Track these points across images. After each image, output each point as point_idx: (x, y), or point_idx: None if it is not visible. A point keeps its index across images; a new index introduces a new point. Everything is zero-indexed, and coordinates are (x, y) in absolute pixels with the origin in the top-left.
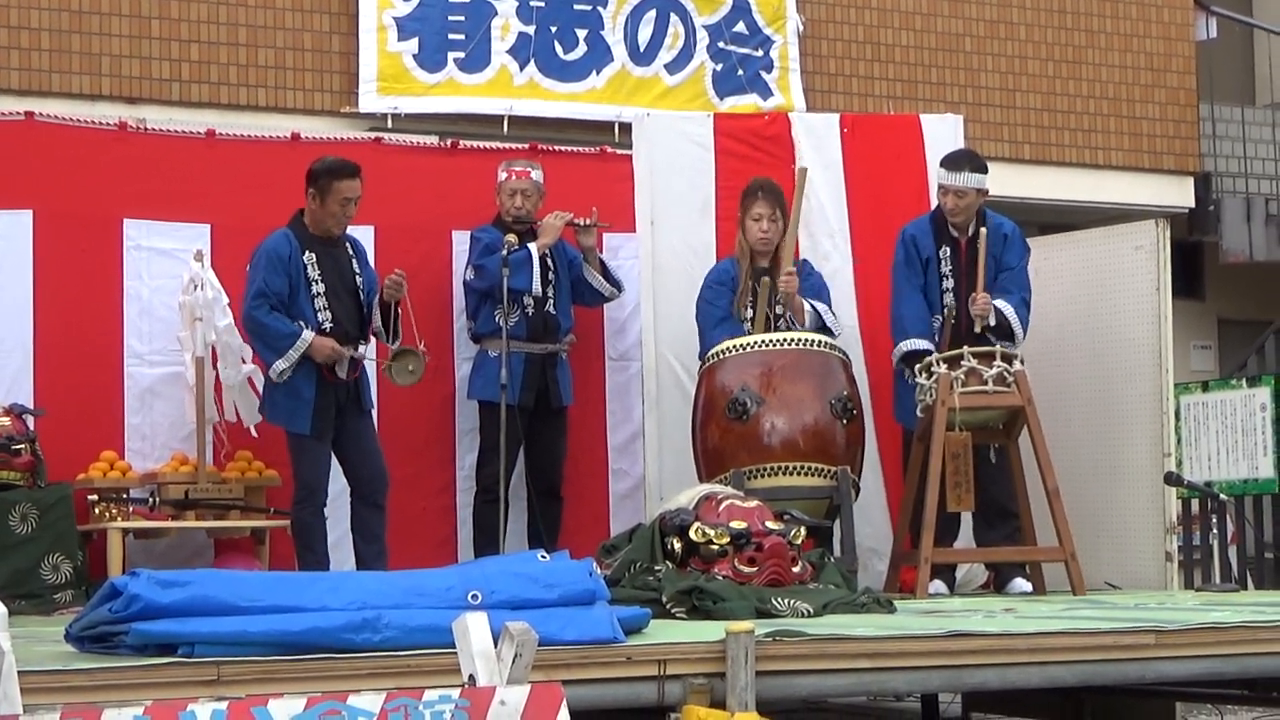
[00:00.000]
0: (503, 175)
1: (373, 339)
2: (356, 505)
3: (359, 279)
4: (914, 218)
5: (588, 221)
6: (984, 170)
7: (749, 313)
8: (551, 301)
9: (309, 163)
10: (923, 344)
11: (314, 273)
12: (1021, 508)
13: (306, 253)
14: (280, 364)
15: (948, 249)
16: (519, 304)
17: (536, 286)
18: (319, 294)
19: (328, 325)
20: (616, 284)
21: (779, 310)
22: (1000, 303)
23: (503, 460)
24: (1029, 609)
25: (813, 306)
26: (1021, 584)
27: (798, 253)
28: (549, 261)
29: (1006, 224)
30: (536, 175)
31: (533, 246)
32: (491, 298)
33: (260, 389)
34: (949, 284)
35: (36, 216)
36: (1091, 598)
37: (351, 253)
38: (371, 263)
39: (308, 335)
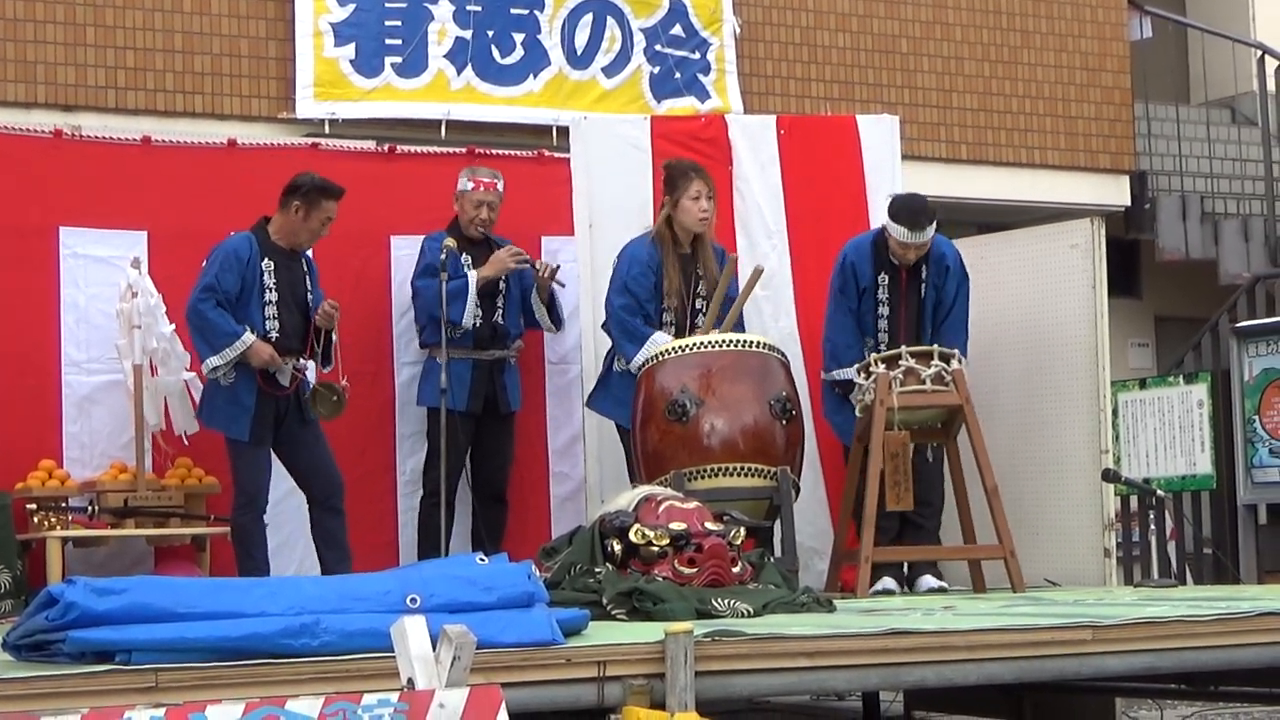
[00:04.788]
0: (467, 185)
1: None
2: (315, 513)
3: (310, 295)
4: (851, 218)
5: (543, 271)
6: (935, 215)
7: (673, 301)
8: (500, 311)
9: (245, 169)
10: (850, 373)
11: (269, 280)
12: (960, 506)
13: (265, 260)
14: (214, 360)
15: (886, 276)
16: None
17: (468, 319)
18: (271, 302)
19: (274, 334)
20: (559, 320)
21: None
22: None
23: (443, 464)
24: (968, 606)
25: None
26: (930, 581)
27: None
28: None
29: (948, 252)
30: (500, 185)
31: (472, 277)
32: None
33: (197, 397)
34: (884, 310)
35: None
36: (1030, 594)
37: (305, 269)
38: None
39: (248, 337)
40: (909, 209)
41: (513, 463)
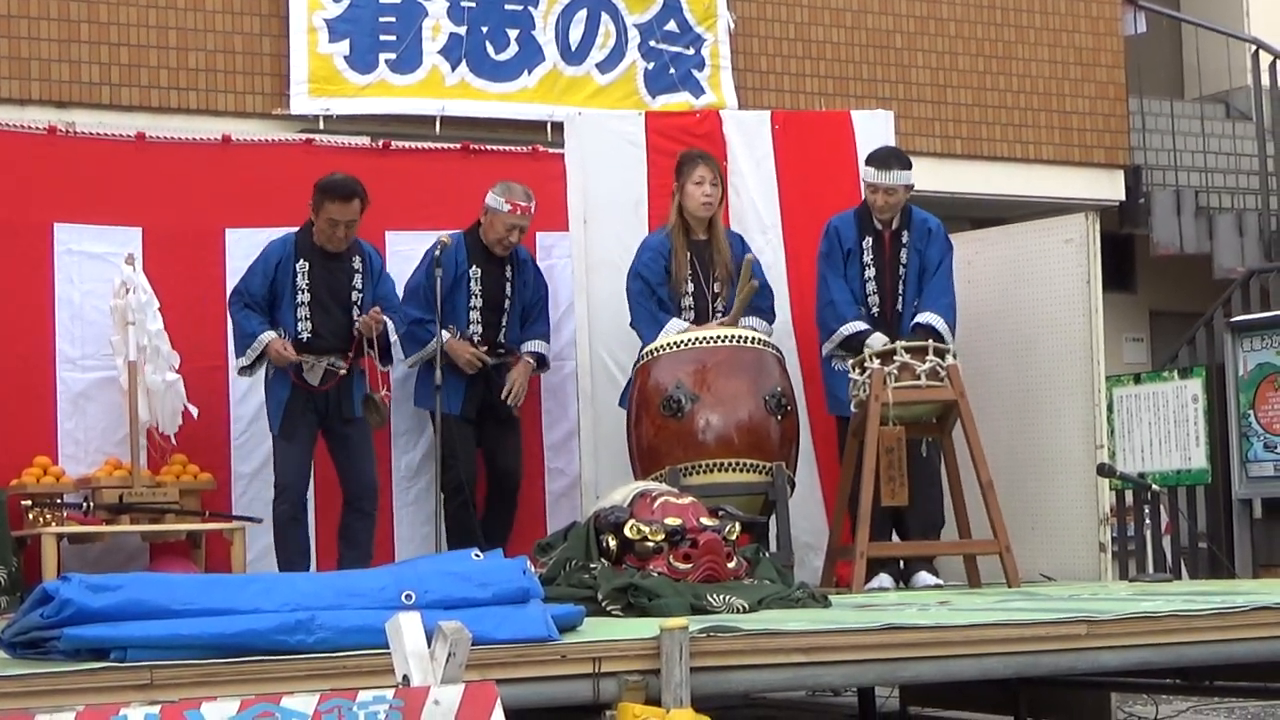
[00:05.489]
0: (502, 205)
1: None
2: (344, 512)
3: (357, 294)
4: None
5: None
6: (910, 166)
7: (689, 286)
8: (504, 330)
9: (239, 165)
10: (862, 325)
11: (302, 282)
12: (956, 501)
13: (300, 261)
14: (241, 361)
15: (870, 239)
16: (462, 332)
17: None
18: (303, 304)
19: (305, 335)
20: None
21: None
22: (928, 318)
23: (437, 464)
24: (963, 601)
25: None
26: (926, 578)
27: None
28: (507, 289)
29: (931, 219)
30: (534, 206)
31: (442, 336)
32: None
33: (185, 398)
34: (870, 273)
35: None
36: (1026, 589)
37: (358, 267)
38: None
39: (264, 337)
40: (880, 152)
41: (521, 462)
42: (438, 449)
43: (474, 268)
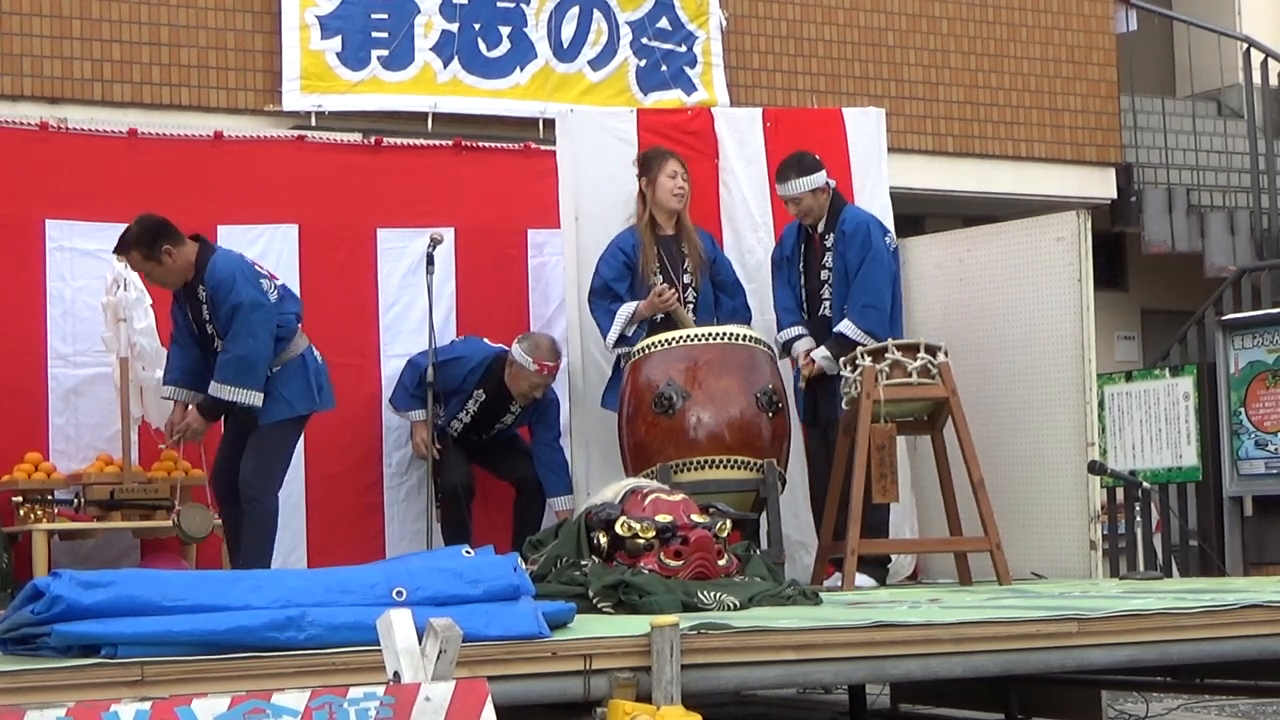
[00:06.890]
0: (529, 364)
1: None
2: None
3: (206, 324)
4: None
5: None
6: (812, 170)
7: (656, 280)
8: (498, 431)
9: (232, 161)
10: (795, 330)
11: (181, 319)
12: (947, 499)
13: (181, 301)
14: None
15: (803, 245)
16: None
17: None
18: (178, 341)
19: (191, 369)
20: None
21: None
22: (840, 327)
23: (430, 464)
24: (954, 599)
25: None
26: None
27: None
28: (507, 420)
29: (850, 220)
30: (560, 363)
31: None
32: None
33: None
34: (802, 280)
35: None
36: (1016, 587)
37: (203, 297)
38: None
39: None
40: (780, 164)
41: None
42: (430, 459)
43: (480, 391)
